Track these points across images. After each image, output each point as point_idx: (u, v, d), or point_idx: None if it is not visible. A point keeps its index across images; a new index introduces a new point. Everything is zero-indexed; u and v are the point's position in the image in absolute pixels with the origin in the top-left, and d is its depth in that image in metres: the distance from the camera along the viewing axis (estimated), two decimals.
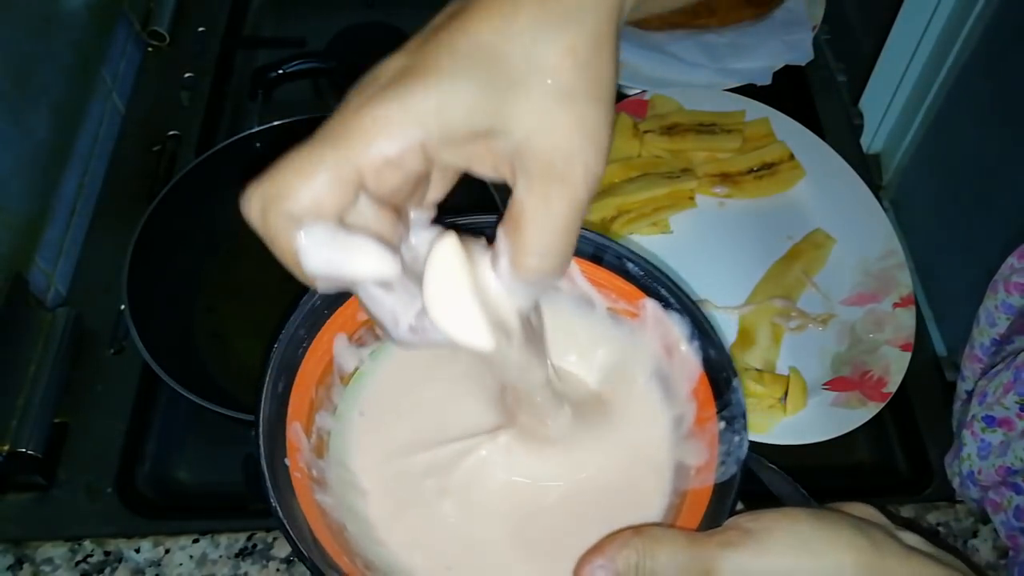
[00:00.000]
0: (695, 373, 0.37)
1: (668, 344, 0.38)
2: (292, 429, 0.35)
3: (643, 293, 0.39)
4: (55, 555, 0.53)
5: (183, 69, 0.79)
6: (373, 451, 0.38)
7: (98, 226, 0.69)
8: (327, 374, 0.37)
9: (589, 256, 0.39)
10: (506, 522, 0.37)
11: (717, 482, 0.34)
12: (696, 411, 0.37)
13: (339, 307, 0.37)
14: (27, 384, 0.57)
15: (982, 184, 0.90)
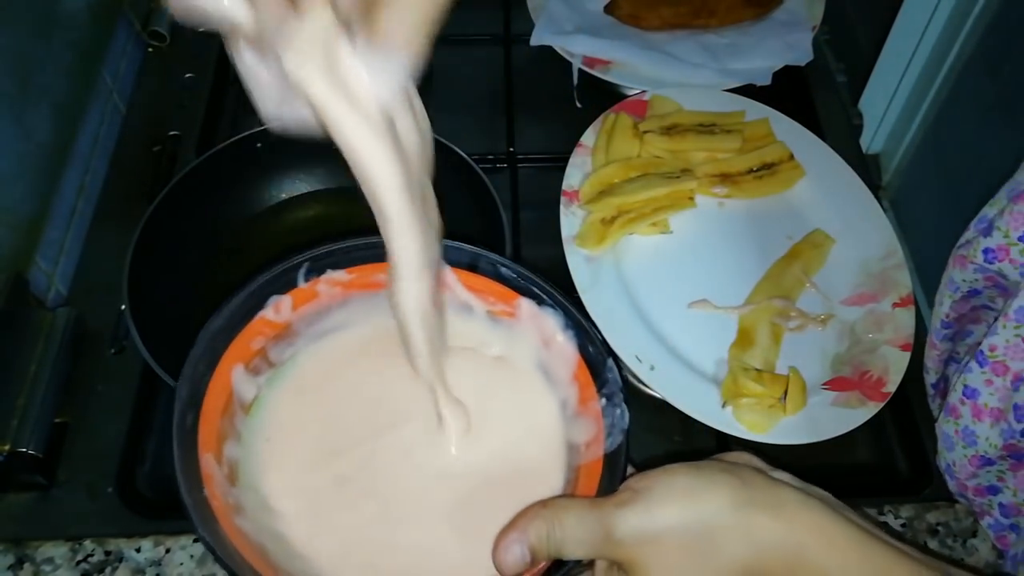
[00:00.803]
0: (572, 359, 0.41)
1: (545, 336, 0.42)
2: (205, 460, 0.37)
3: (518, 294, 0.43)
4: (56, 555, 0.53)
5: (184, 69, 0.79)
6: (284, 473, 0.40)
7: (99, 226, 0.69)
8: (229, 405, 0.40)
9: (465, 265, 0.43)
10: (427, 515, 0.39)
11: (606, 452, 0.38)
12: (579, 392, 0.41)
13: (234, 338, 0.40)
14: (28, 384, 0.57)
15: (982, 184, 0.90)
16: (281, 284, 0.41)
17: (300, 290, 0.42)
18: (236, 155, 0.65)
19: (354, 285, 0.43)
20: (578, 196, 0.66)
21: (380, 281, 0.42)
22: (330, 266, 0.42)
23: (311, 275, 0.42)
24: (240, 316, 0.40)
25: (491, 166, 0.71)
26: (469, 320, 0.44)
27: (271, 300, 0.41)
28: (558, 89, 0.77)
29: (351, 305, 0.43)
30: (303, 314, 0.42)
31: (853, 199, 0.68)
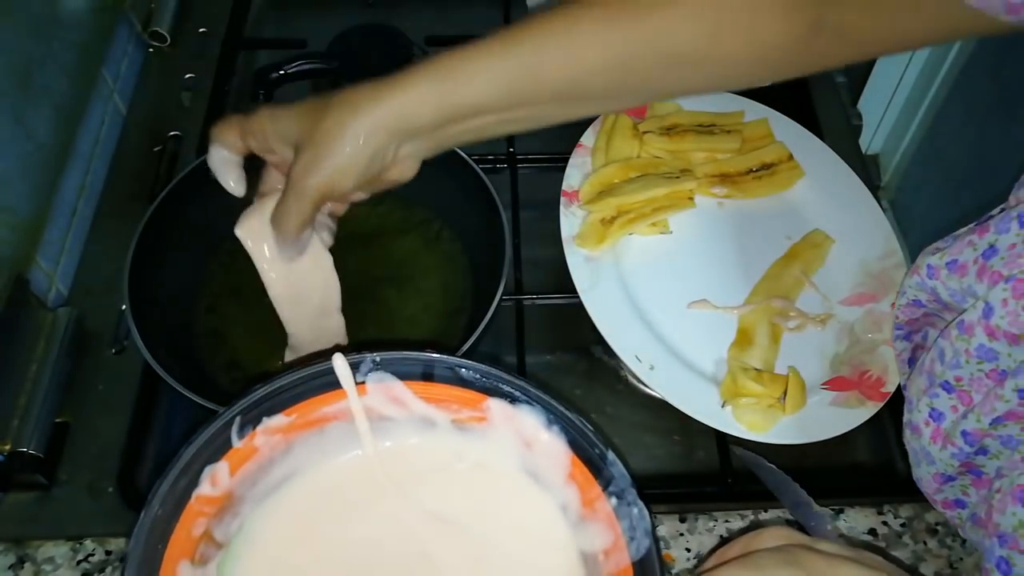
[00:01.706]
0: (564, 457, 0.36)
1: (526, 437, 0.38)
2: None
3: (485, 395, 0.38)
4: (56, 554, 0.53)
5: (184, 70, 0.79)
6: None
7: (99, 226, 0.69)
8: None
9: (419, 376, 0.38)
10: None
11: (634, 560, 0.34)
12: (579, 494, 0.36)
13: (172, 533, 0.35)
14: (28, 384, 0.57)
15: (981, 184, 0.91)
16: (213, 451, 0.36)
17: (236, 450, 0.37)
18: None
19: (295, 427, 0.38)
20: (578, 196, 0.66)
21: (325, 415, 0.38)
22: (265, 413, 0.37)
23: (246, 429, 0.37)
24: (172, 505, 0.35)
25: (491, 166, 0.71)
26: (433, 435, 0.39)
27: (205, 471, 0.36)
28: None
29: (297, 449, 0.38)
30: (244, 476, 0.37)
31: (852, 199, 0.68)
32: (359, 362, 0.38)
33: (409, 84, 0.43)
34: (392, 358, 0.38)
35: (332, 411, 0.38)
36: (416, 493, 0.39)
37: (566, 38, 0.42)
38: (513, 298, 0.63)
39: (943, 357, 0.45)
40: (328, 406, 0.38)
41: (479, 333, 0.54)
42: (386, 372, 0.38)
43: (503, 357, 0.62)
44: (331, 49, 0.76)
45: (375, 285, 0.63)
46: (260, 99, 0.70)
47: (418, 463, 0.39)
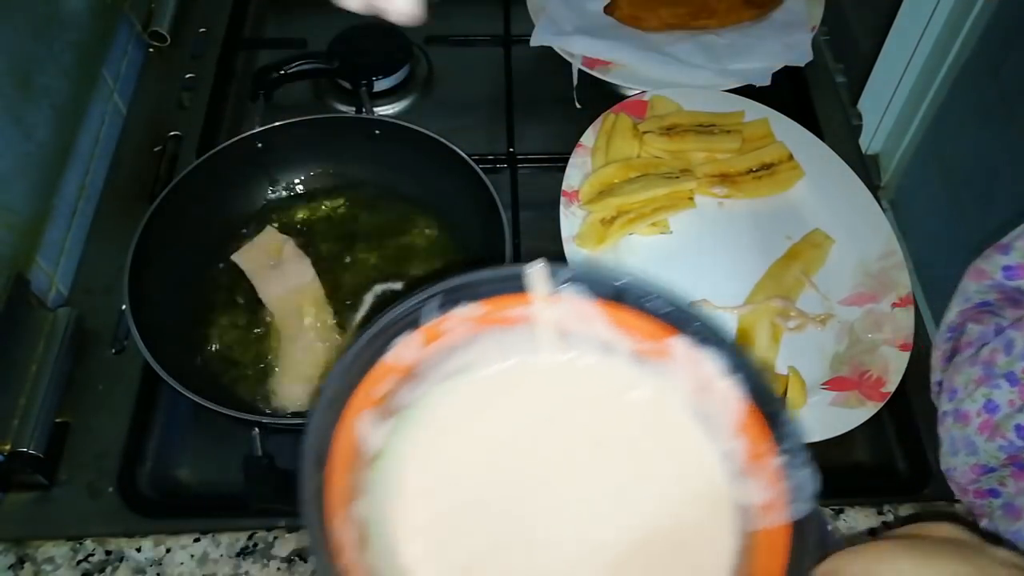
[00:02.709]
0: (738, 408, 0.36)
1: (704, 380, 0.37)
2: (335, 525, 0.33)
3: (671, 331, 0.37)
4: (56, 554, 0.53)
5: (184, 70, 0.79)
6: (416, 532, 0.36)
7: (99, 226, 0.69)
8: (356, 459, 0.36)
9: (610, 298, 0.38)
10: None
11: (792, 521, 0.33)
12: (747, 447, 0.36)
13: (359, 386, 0.36)
14: (28, 384, 0.57)
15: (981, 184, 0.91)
16: (407, 322, 0.37)
17: (427, 327, 0.38)
18: (236, 155, 0.65)
19: (485, 320, 0.39)
20: (578, 196, 0.66)
21: (514, 316, 0.38)
22: (460, 300, 0.38)
23: (440, 311, 0.38)
24: (364, 361, 0.37)
25: (491, 166, 0.71)
26: (611, 360, 0.39)
27: (397, 340, 0.37)
28: (558, 90, 0.77)
29: (482, 343, 0.39)
30: (431, 354, 0.38)
31: (852, 199, 0.68)
32: (555, 272, 0.38)
33: None
34: (588, 275, 0.37)
35: (521, 313, 0.38)
36: (581, 410, 0.39)
37: None
38: None
39: (1011, 348, 0.45)
40: (518, 308, 0.38)
41: None
42: (580, 287, 0.38)
43: None
44: (331, 49, 0.76)
45: (375, 284, 0.63)
46: (260, 99, 0.70)
47: (590, 383, 0.39)
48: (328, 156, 0.68)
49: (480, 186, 0.61)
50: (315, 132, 0.67)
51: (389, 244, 0.65)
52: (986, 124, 0.91)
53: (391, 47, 0.78)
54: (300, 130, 0.66)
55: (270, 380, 0.59)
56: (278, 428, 0.56)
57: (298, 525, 0.54)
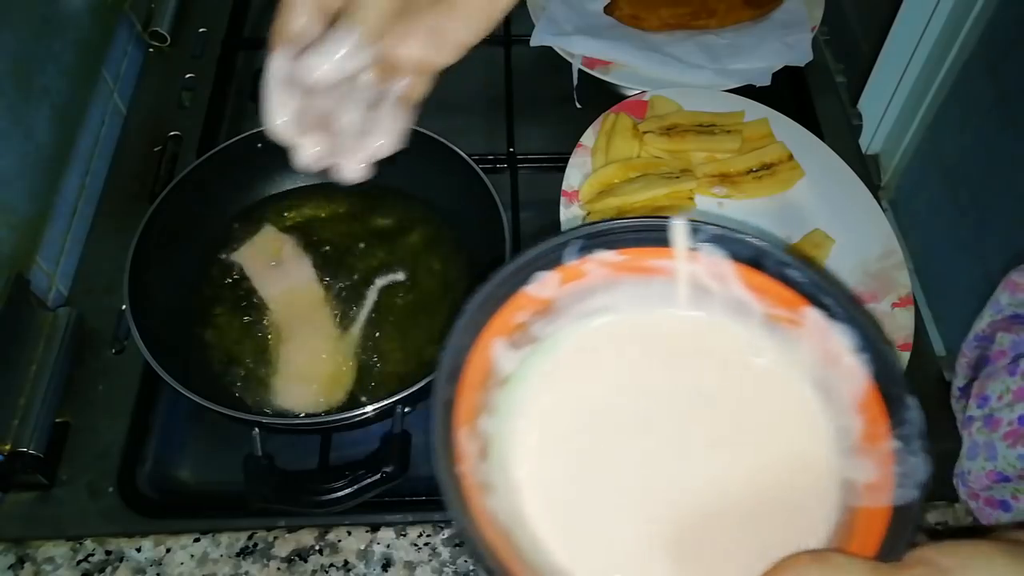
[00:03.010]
0: (862, 386, 0.36)
1: (831, 354, 0.37)
2: (460, 435, 0.35)
3: (806, 301, 0.38)
4: (56, 554, 0.53)
5: (184, 70, 0.79)
6: (532, 454, 0.38)
7: (99, 226, 0.69)
8: (487, 378, 0.38)
9: (748, 260, 0.38)
10: (670, 525, 0.37)
11: (895, 504, 0.33)
12: (864, 426, 0.36)
13: (498, 312, 0.38)
14: (28, 384, 0.57)
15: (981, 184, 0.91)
16: (549, 260, 0.39)
17: (568, 267, 0.39)
18: (237, 155, 0.65)
19: (624, 268, 0.40)
20: (578, 196, 0.66)
21: (653, 266, 0.40)
22: (602, 245, 0.39)
23: (581, 253, 0.39)
24: (506, 288, 0.38)
25: (491, 166, 0.71)
26: (742, 322, 0.40)
27: (537, 275, 0.39)
28: (558, 90, 0.77)
29: (618, 288, 0.41)
30: (568, 292, 0.40)
31: (852, 199, 0.68)
32: (698, 229, 0.39)
33: None
34: (729, 235, 0.38)
35: (659, 265, 0.40)
36: (704, 367, 0.40)
37: None
38: None
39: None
40: (657, 259, 0.39)
41: None
42: (720, 247, 0.39)
43: None
44: None
45: (374, 284, 0.63)
46: (260, 99, 0.70)
47: (718, 343, 0.40)
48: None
49: (480, 186, 0.61)
50: None
51: (389, 244, 0.65)
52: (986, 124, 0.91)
53: None
54: None
55: (270, 380, 0.59)
56: (278, 428, 0.56)
57: (298, 525, 0.54)
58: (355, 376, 0.59)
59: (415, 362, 0.59)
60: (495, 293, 0.38)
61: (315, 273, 0.63)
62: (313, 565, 0.53)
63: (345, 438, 0.58)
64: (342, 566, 0.53)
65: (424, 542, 0.54)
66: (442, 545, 0.53)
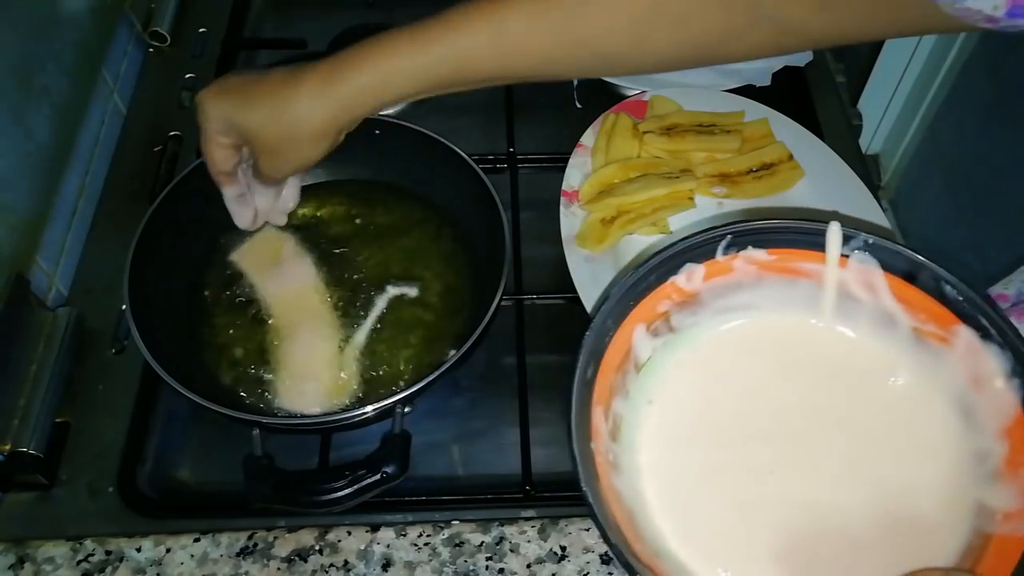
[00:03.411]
0: (1010, 411, 0.35)
1: (979, 376, 0.37)
2: (596, 413, 0.36)
3: (958, 319, 0.37)
4: (56, 554, 0.53)
5: (184, 70, 0.79)
6: (659, 441, 0.39)
7: (99, 226, 0.69)
8: (625, 361, 0.38)
9: (902, 273, 0.38)
10: (784, 535, 0.36)
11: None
12: (1008, 452, 0.35)
13: (643, 299, 0.39)
14: (28, 384, 0.57)
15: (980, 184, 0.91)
16: (699, 253, 0.39)
17: (716, 262, 0.40)
18: None
19: (772, 267, 0.40)
20: (578, 196, 0.66)
21: (801, 269, 0.40)
22: (752, 243, 0.40)
23: (730, 249, 0.39)
24: (654, 277, 0.39)
25: (491, 166, 0.71)
26: (887, 336, 0.39)
27: (685, 267, 0.39)
28: (558, 90, 0.77)
29: (764, 287, 0.41)
30: (713, 286, 0.40)
31: (852, 199, 0.68)
32: (852, 236, 0.39)
33: (350, 79, 0.47)
34: (884, 245, 0.38)
35: (808, 268, 0.40)
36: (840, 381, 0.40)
37: (496, 34, 0.43)
38: (513, 298, 0.63)
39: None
40: (806, 263, 0.39)
41: (479, 333, 0.55)
42: (872, 256, 0.38)
43: (503, 357, 0.62)
44: (331, 49, 0.75)
45: (375, 284, 0.63)
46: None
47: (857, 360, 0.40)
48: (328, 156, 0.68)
49: (480, 186, 0.61)
50: None
51: (389, 244, 0.65)
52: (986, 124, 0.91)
53: None
54: None
55: (270, 380, 0.59)
56: (278, 428, 0.56)
57: (298, 525, 0.54)
58: (355, 376, 0.59)
59: (415, 362, 0.59)
60: (643, 280, 0.39)
61: (315, 273, 0.63)
62: (313, 565, 0.53)
63: (345, 438, 0.58)
64: (342, 566, 0.53)
65: (424, 542, 0.54)
66: (442, 545, 0.53)
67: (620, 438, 0.38)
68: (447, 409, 0.61)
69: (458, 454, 0.59)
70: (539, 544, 0.53)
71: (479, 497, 0.56)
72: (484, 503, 0.55)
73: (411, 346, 0.60)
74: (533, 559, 0.53)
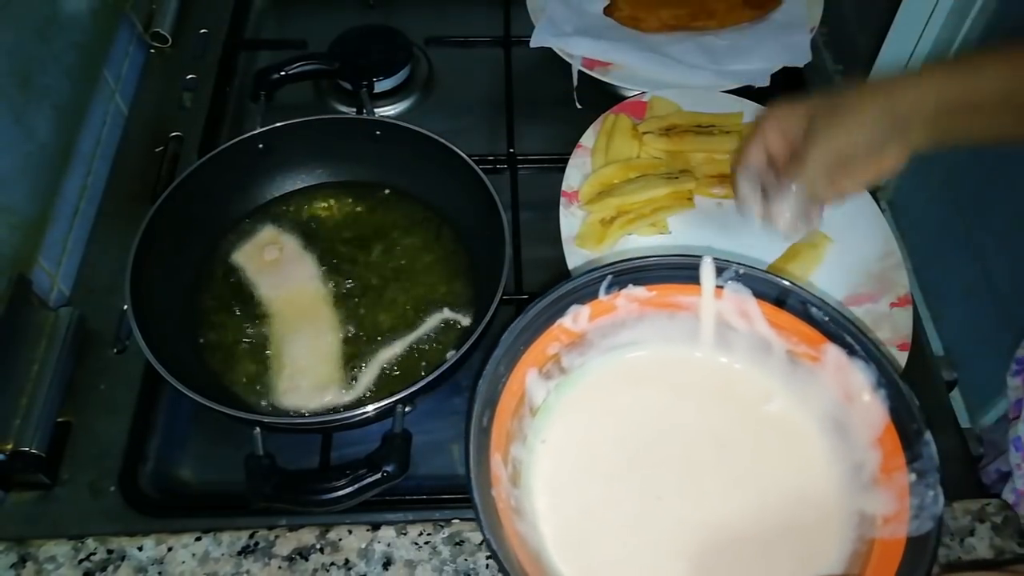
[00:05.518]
0: (880, 422, 0.37)
1: (849, 391, 0.39)
2: (494, 460, 0.37)
3: (826, 338, 0.39)
4: (58, 553, 0.53)
5: (185, 71, 0.80)
6: (552, 483, 0.40)
7: (101, 227, 0.70)
8: (520, 406, 0.39)
9: (772, 300, 0.40)
10: (683, 558, 0.37)
11: (911, 536, 0.34)
12: (881, 460, 0.37)
13: (533, 343, 0.40)
14: (30, 383, 0.57)
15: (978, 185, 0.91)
16: (582, 294, 0.41)
17: (600, 302, 0.41)
18: (238, 156, 0.65)
19: (652, 303, 0.42)
20: (578, 197, 0.66)
21: (679, 303, 0.41)
22: (632, 281, 0.41)
23: (612, 288, 0.41)
24: (541, 321, 0.40)
25: (491, 167, 0.72)
26: (764, 362, 0.42)
27: (571, 309, 0.41)
28: (558, 90, 0.77)
29: (645, 324, 0.43)
30: (599, 326, 0.42)
31: (851, 200, 0.68)
32: (724, 268, 0.41)
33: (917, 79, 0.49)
34: (754, 274, 0.40)
35: (686, 302, 0.41)
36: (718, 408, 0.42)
37: None
38: (513, 298, 0.63)
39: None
40: (684, 296, 0.41)
41: (480, 332, 0.55)
42: (745, 285, 0.41)
43: None
44: (332, 50, 0.76)
45: (375, 285, 0.64)
46: (261, 100, 0.70)
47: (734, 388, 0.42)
48: (329, 157, 0.69)
49: (480, 187, 0.62)
50: (316, 133, 0.67)
51: (389, 244, 0.66)
52: None
53: (392, 48, 0.78)
54: (301, 131, 0.66)
55: (271, 379, 0.59)
56: (279, 427, 0.56)
57: (299, 524, 0.54)
58: (356, 375, 0.59)
59: (416, 361, 0.60)
60: (531, 324, 0.40)
61: (316, 273, 0.64)
62: (314, 564, 0.53)
63: (346, 437, 0.58)
64: (343, 565, 0.53)
65: (424, 541, 0.54)
66: (442, 544, 0.54)
67: (520, 483, 0.39)
68: (447, 408, 0.61)
69: (458, 453, 0.60)
70: None
71: None
72: None
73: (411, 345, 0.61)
74: None
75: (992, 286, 0.78)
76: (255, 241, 0.66)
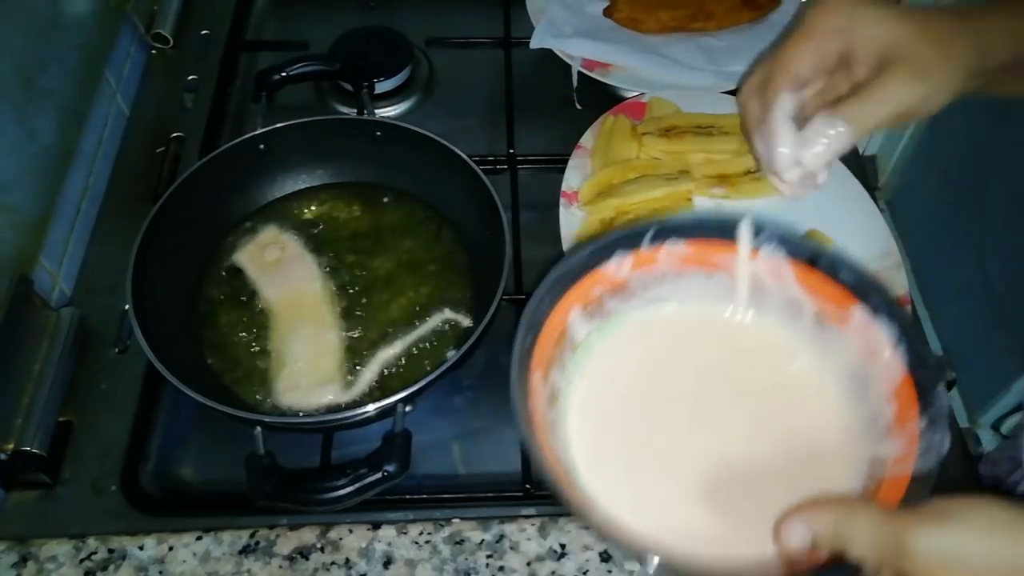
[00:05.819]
0: (898, 376, 0.39)
1: (872, 348, 0.40)
2: (535, 376, 0.39)
3: (855, 299, 0.41)
4: (59, 552, 0.53)
5: (187, 71, 0.80)
6: (586, 410, 0.42)
7: (102, 227, 0.70)
8: (562, 339, 0.42)
9: (804, 260, 0.42)
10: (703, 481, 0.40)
11: (915, 473, 0.36)
12: (897, 411, 0.39)
13: (577, 282, 0.42)
14: (32, 383, 0.58)
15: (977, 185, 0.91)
16: (628, 243, 0.42)
17: (642, 253, 0.43)
18: (239, 156, 0.66)
19: (691, 260, 0.44)
20: (577, 197, 0.67)
21: (717, 261, 0.43)
22: (672, 236, 0.43)
23: (655, 240, 0.43)
24: (588, 263, 0.42)
25: (491, 168, 0.72)
26: (794, 324, 0.43)
27: (616, 255, 0.42)
28: (558, 91, 0.77)
29: (684, 280, 0.44)
30: (641, 276, 0.44)
31: (849, 200, 0.69)
32: (761, 229, 0.42)
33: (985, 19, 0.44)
34: (789, 236, 0.42)
35: (723, 260, 0.43)
36: (747, 367, 0.44)
37: None
38: (513, 298, 0.63)
39: None
40: (722, 254, 0.43)
41: (479, 333, 0.55)
42: (779, 246, 0.42)
43: (503, 357, 0.63)
44: (333, 51, 0.77)
45: (376, 285, 0.64)
46: (262, 101, 0.71)
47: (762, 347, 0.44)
48: (329, 157, 0.69)
49: (480, 187, 0.62)
50: (317, 134, 0.67)
51: (389, 245, 0.66)
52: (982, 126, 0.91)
53: (392, 49, 0.78)
54: (302, 132, 0.67)
55: (272, 379, 0.59)
56: (280, 427, 0.56)
57: (300, 523, 0.54)
58: (356, 375, 0.59)
59: (416, 361, 0.60)
60: (579, 264, 0.42)
61: (317, 273, 0.64)
62: (315, 563, 0.53)
63: (346, 437, 0.58)
64: (343, 564, 0.53)
65: (425, 540, 0.54)
66: (442, 543, 0.54)
67: (557, 406, 0.41)
68: (448, 408, 0.61)
69: (459, 453, 0.60)
70: (539, 542, 0.54)
71: (479, 495, 0.56)
72: (484, 501, 0.56)
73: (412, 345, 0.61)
74: (533, 557, 0.53)
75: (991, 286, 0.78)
76: (256, 241, 0.66)
